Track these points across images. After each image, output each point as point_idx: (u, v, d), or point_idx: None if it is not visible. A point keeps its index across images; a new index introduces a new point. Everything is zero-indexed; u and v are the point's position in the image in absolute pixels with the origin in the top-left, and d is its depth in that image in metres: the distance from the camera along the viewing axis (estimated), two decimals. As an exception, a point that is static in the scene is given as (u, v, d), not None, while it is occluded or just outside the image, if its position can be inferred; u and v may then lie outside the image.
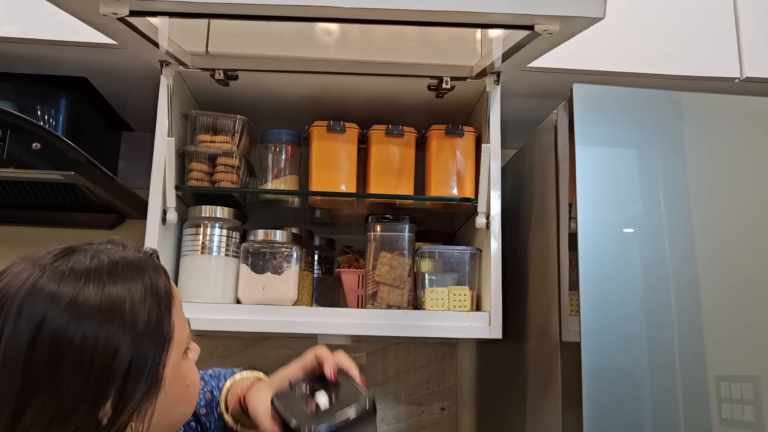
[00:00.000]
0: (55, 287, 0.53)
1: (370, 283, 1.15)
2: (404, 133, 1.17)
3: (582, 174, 0.93)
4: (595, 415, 0.86)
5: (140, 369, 0.54)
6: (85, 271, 0.55)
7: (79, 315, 0.52)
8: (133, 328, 0.54)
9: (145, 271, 0.58)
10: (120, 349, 0.53)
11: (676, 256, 0.92)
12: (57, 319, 0.52)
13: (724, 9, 1.20)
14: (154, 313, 0.57)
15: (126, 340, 0.54)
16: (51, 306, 0.52)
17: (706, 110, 0.98)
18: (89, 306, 0.53)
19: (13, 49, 1.14)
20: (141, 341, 0.55)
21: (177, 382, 0.60)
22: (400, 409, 1.47)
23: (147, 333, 0.56)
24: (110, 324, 0.53)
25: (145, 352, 0.55)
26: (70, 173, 1.06)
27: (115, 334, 0.53)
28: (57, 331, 0.52)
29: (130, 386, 0.54)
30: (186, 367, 0.62)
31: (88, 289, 0.54)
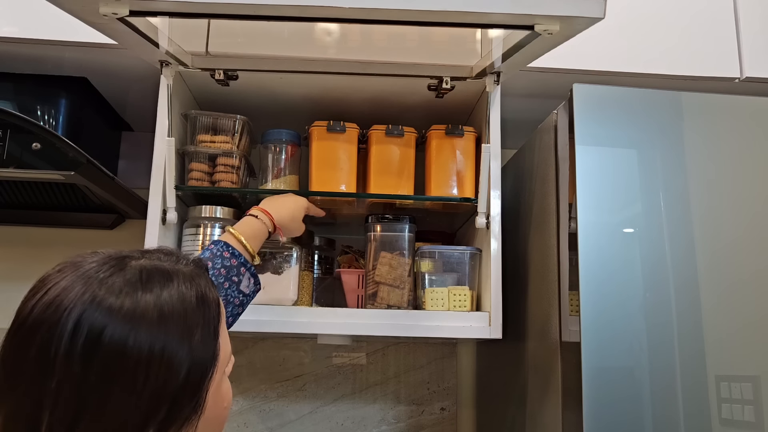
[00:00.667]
0: (114, 300, 0.51)
1: (370, 283, 1.15)
2: (404, 133, 1.17)
3: (582, 174, 0.93)
4: (595, 414, 0.86)
5: (188, 391, 0.53)
6: (143, 283, 0.53)
7: (138, 328, 0.51)
8: (187, 343, 0.53)
9: (198, 286, 0.57)
10: (173, 364, 0.51)
11: (676, 256, 0.92)
12: (117, 334, 0.50)
13: (724, 9, 1.20)
14: (206, 331, 0.55)
15: (180, 354, 0.52)
16: (110, 321, 0.50)
17: (706, 110, 0.98)
18: (148, 319, 0.51)
19: (13, 49, 1.14)
20: (194, 357, 0.53)
21: (217, 404, 0.58)
22: (400, 409, 1.47)
23: (199, 350, 0.54)
24: (168, 337, 0.52)
25: (195, 372, 0.53)
26: (70, 173, 1.06)
27: (171, 348, 0.51)
28: (114, 349, 0.49)
29: (176, 409, 0.52)
30: (225, 387, 0.61)
31: (146, 300, 0.52)
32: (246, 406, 1.44)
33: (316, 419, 1.45)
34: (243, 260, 0.92)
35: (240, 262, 0.91)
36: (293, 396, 1.46)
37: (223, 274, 0.89)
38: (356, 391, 1.47)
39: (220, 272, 0.89)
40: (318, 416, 1.45)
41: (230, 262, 0.90)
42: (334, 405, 1.46)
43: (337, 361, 1.48)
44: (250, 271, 0.93)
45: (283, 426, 1.44)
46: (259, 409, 1.44)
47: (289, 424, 1.44)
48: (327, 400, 1.46)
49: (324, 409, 1.46)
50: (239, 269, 0.91)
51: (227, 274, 0.90)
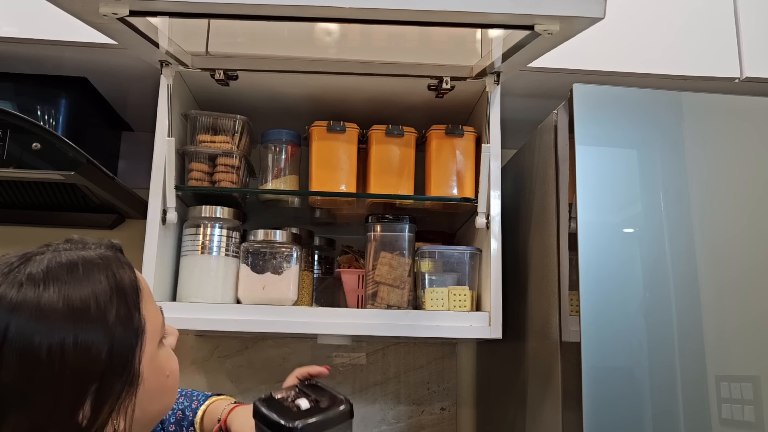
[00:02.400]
0: (15, 296, 0.51)
1: (370, 283, 1.15)
2: (404, 133, 1.17)
3: (582, 174, 0.93)
4: (595, 414, 0.86)
5: (115, 368, 0.53)
6: (44, 275, 0.53)
7: (44, 322, 0.50)
8: (102, 327, 0.53)
9: (108, 268, 0.56)
10: (91, 351, 0.51)
11: (675, 255, 0.92)
12: (21, 329, 0.49)
13: (724, 9, 1.20)
14: (123, 310, 0.55)
15: (96, 340, 0.52)
16: (13, 318, 0.50)
17: (706, 110, 0.98)
18: (53, 312, 0.51)
19: (13, 49, 1.14)
20: (112, 340, 0.53)
21: (155, 374, 0.59)
22: (400, 409, 1.47)
23: (117, 331, 0.54)
24: (78, 327, 0.51)
25: (119, 350, 0.53)
26: (70, 173, 1.06)
27: (84, 337, 0.51)
28: (23, 344, 0.49)
29: (106, 387, 0.52)
30: (163, 357, 0.61)
31: (49, 293, 0.51)
32: (246, 406, 1.44)
33: (316, 419, 1.45)
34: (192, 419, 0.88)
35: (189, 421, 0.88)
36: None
37: (178, 417, 0.88)
38: (356, 391, 1.47)
39: (174, 413, 0.88)
40: (318, 416, 1.45)
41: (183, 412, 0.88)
42: (334, 405, 1.46)
43: (337, 361, 1.48)
44: None
45: (283, 426, 1.44)
46: (259, 409, 1.44)
47: (289, 424, 1.44)
48: (327, 400, 1.46)
49: (324, 409, 1.46)
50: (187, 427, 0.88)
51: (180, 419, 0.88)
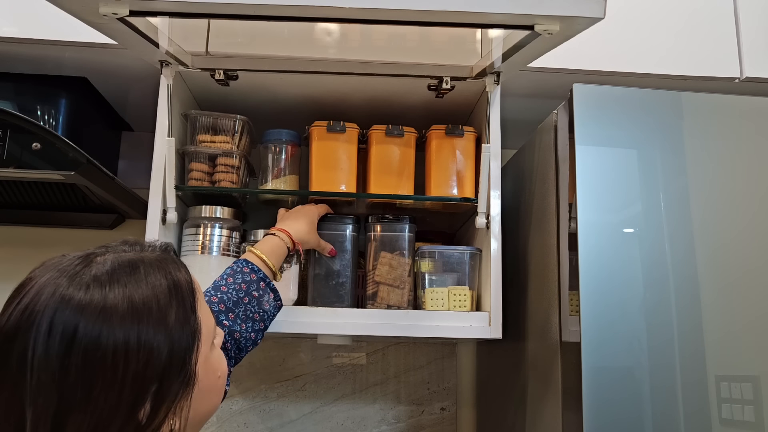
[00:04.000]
0: (83, 298, 0.52)
1: (370, 283, 1.15)
2: (404, 133, 1.17)
3: (582, 174, 0.93)
4: (595, 414, 0.86)
5: (174, 369, 0.55)
6: (109, 277, 0.54)
7: (110, 323, 0.52)
8: (163, 328, 0.54)
9: (166, 269, 0.58)
10: (153, 352, 0.53)
11: (676, 255, 0.92)
12: (89, 330, 0.51)
13: (724, 9, 1.20)
14: (181, 312, 0.57)
15: (158, 341, 0.54)
16: (81, 318, 0.51)
17: (706, 110, 0.98)
18: (118, 312, 0.52)
19: (13, 49, 1.14)
20: (172, 341, 0.55)
21: (208, 375, 0.61)
22: (400, 409, 1.47)
23: (176, 332, 0.55)
24: (141, 328, 0.53)
25: (178, 352, 0.55)
26: (70, 173, 1.06)
27: (147, 338, 0.53)
28: (90, 344, 0.51)
29: (165, 387, 0.54)
30: (215, 358, 0.63)
31: (114, 294, 0.53)
32: (246, 406, 1.44)
33: (316, 419, 1.45)
34: (262, 275, 0.94)
35: (259, 277, 0.93)
36: (293, 396, 1.46)
37: (243, 288, 0.91)
38: (356, 391, 1.47)
39: (240, 287, 0.91)
40: (318, 416, 1.45)
41: (250, 277, 0.92)
42: (334, 405, 1.46)
43: (337, 361, 1.48)
44: (269, 286, 0.95)
45: (283, 426, 1.44)
46: (259, 409, 1.44)
47: (289, 424, 1.44)
48: (327, 400, 1.46)
49: (324, 409, 1.46)
50: (259, 284, 0.93)
51: (247, 288, 0.91)
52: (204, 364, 0.59)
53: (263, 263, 0.96)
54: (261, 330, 0.93)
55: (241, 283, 0.91)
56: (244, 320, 0.89)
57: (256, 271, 0.94)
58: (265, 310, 0.93)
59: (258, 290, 0.93)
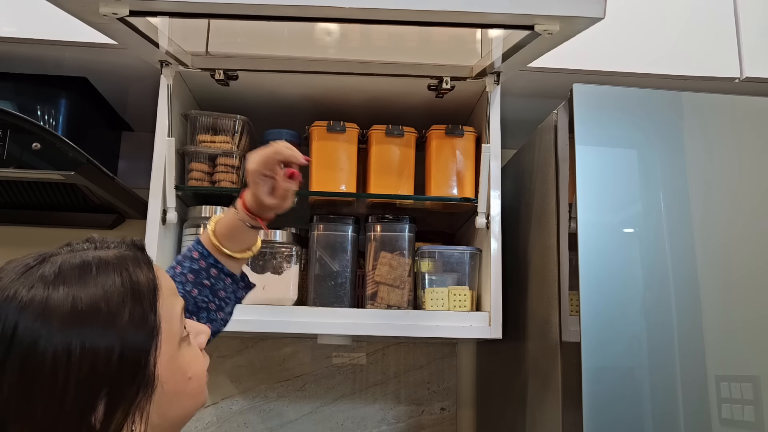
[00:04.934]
0: (25, 296, 0.50)
1: (370, 283, 1.15)
2: (404, 133, 1.17)
3: (582, 174, 0.93)
4: (595, 415, 0.86)
5: (127, 372, 0.51)
6: (55, 276, 0.51)
7: (50, 325, 0.49)
8: (112, 330, 0.51)
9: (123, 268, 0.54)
10: (99, 355, 0.49)
11: (675, 255, 0.92)
12: (28, 330, 0.48)
13: (724, 9, 1.20)
14: (137, 311, 0.53)
15: (105, 344, 0.50)
16: (21, 318, 0.49)
17: (706, 110, 0.98)
18: (60, 314, 0.49)
19: (13, 49, 1.14)
20: (123, 343, 0.51)
21: (175, 377, 0.56)
22: (400, 409, 1.47)
23: (129, 333, 0.51)
24: (85, 331, 0.49)
25: (130, 354, 0.51)
26: (70, 173, 1.06)
27: (91, 341, 0.49)
28: (28, 347, 0.48)
29: (117, 391, 0.50)
30: (186, 358, 0.58)
31: (57, 294, 0.50)
32: (246, 406, 1.44)
33: (316, 419, 1.45)
34: (213, 261, 0.82)
35: (209, 263, 0.81)
36: (293, 396, 1.46)
37: (190, 280, 0.80)
38: (356, 391, 1.47)
39: (186, 277, 0.80)
40: (318, 416, 1.45)
41: (198, 265, 0.81)
42: (334, 405, 1.46)
43: (337, 361, 1.48)
44: (223, 271, 0.82)
45: (283, 426, 1.44)
46: (259, 409, 1.44)
47: (289, 424, 1.44)
48: (327, 400, 1.46)
49: (324, 409, 1.46)
50: (209, 271, 0.81)
51: (195, 279, 0.81)
52: (169, 365, 0.55)
53: (214, 247, 0.81)
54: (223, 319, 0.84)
55: (188, 273, 0.80)
56: (195, 312, 0.80)
57: (205, 256, 0.81)
58: (222, 298, 0.82)
59: (210, 278, 0.81)
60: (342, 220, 1.17)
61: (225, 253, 0.82)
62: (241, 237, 0.83)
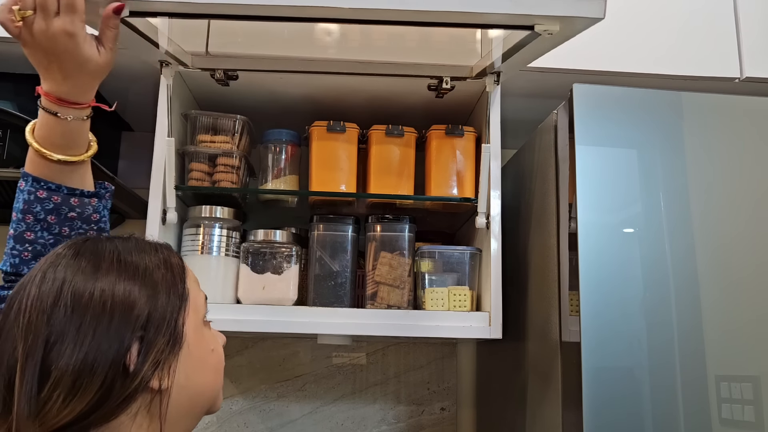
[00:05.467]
0: (73, 259, 0.57)
1: (370, 283, 1.15)
2: (404, 133, 1.17)
3: (582, 174, 0.93)
4: (595, 414, 0.86)
5: (160, 320, 0.57)
6: (101, 249, 0.59)
7: (97, 274, 0.56)
8: (149, 284, 0.58)
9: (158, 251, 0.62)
10: (137, 301, 0.56)
11: (676, 256, 0.92)
12: (77, 278, 0.55)
13: (724, 9, 1.20)
14: (169, 277, 0.60)
15: (143, 294, 0.57)
16: (70, 270, 0.56)
17: (706, 110, 0.98)
18: (106, 268, 0.57)
19: (13, 49, 1.14)
20: (157, 298, 0.58)
21: (200, 344, 0.62)
22: (400, 409, 1.47)
23: (163, 291, 0.58)
24: (126, 281, 0.57)
25: (162, 308, 0.58)
26: (70, 173, 1.06)
27: (130, 288, 0.56)
28: (77, 288, 0.55)
29: (151, 334, 0.56)
30: (209, 334, 0.65)
31: (107, 249, 0.59)
32: (246, 406, 1.44)
33: (316, 419, 1.45)
34: (65, 190, 0.72)
35: (65, 194, 0.72)
36: (293, 396, 1.46)
37: (53, 221, 0.71)
38: (356, 391, 1.47)
39: (49, 224, 0.71)
40: (318, 416, 1.45)
41: (52, 202, 0.71)
42: (334, 405, 1.46)
43: (337, 361, 1.48)
44: (84, 194, 0.74)
45: (283, 426, 1.44)
46: (259, 409, 1.45)
47: (289, 424, 1.44)
48: (327, 400, 1.46)
49: (324, 409, 1.46)
50: (69, 201, 0.72)
51: (57, 218, 0.72)
52: (195, 332, 0.61)
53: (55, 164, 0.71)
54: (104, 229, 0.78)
55: (45, 216, 0.71)
56: None
57: (54, 189, 0.71)
58: (97, 222, 0.75)
59: (73, 209, 0.73)
60: (342, 220, 1.17)
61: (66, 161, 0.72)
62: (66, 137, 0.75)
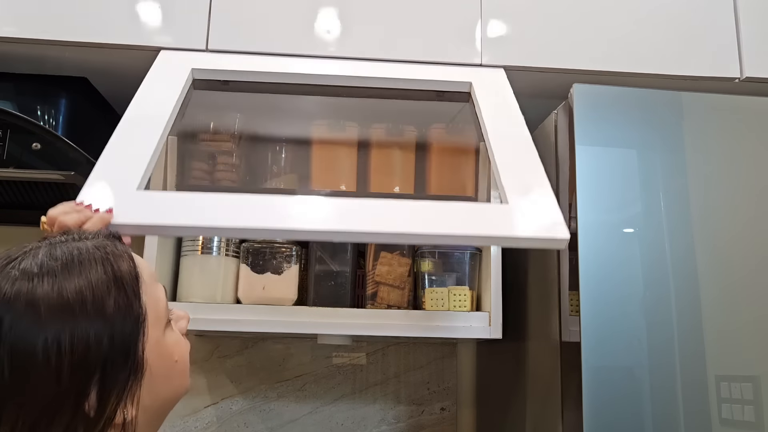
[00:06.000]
0: (9, 290, 0.50)
1: (370, 283, 1.15)
2: (404, 132, 1.17)
3: (582, 174, 0.93)
4: (595, 415, 0.86)
5: (117, 358, 0.52)
6: (39, 269, 0.52)
7: (38, 317, 0.50)
8: (100, 319, 0.52)
9: (104, 258, 0.55)
10: (89, 344, 0.50)
11: (675, 255, 0.92)
12: (15, 324, 0.49)
13: (724, 9, 1.20)
14: (122, 299, 0.54)
15: (94, 333, 0.51)
16: (7, 312, 0.49)
17: (706, 110, 0.98)
18: (48, 306, 0.50)
19: (13, 49, 1.14)
20: (112, 331, 0.52)
21: (163, 360, 0.58)
22: (400, 409, 1.47)
23: (117, 321, 0.53)
24: (74, 321, 0.50)
25: (119, 340, 0.52)
26: (70, 173, 1.06)
27: (81, 331, 0.50)
28: (16, 340, 0.49)
29: (109, 377, 0.51)
30: (171, 342, 0.60)
31: (43, 287, 0.51)
32: (246, 406, 1.44)
33: (316, 419, 1.45)
34: None
35: None
36: (293, 396, 1.46)
37: None
38: (356, 391, 1.47)
39: None
40: (318, 416, 1.45)
41: None
42: (334, 405, 1.46)
43: (337, 361, 1.48)
44: None
45: (283, 426, 1.44)
46: (259, 409, 1.44)
47: (289, 424, 1.44)
48: (327, 400, 1.46)
49: (324, 409, 1.46)
50: None
51: None
52: (156, 349, 0.56)
53: None
54: None
55: None
56: None
57: None
58: None
59: None
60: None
61: None
62: None
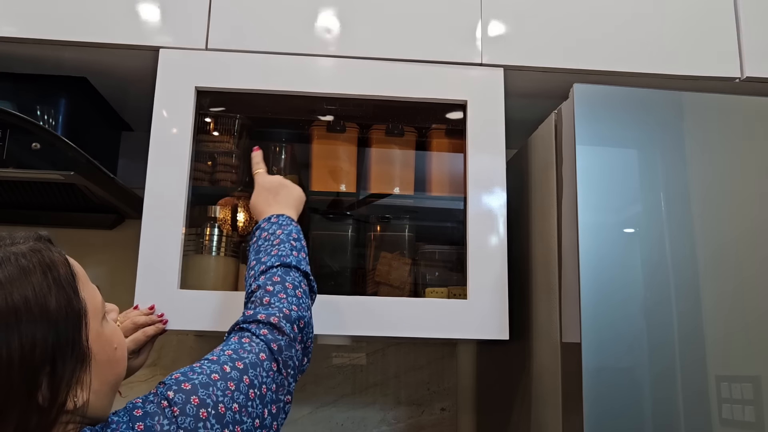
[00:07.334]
0: None
1: (370, 283, 1.15)
2: (404, 133, 1.17)
3: (582, 174, 0.93)
4: (596, 415, 0.86)
5: (64, 351, 0.56)
6: None
7: None
8: (45, 318, 0.56)
9: (41, 261, 0.59)
10: (36, 343, 0.54)
11: (676, 256, 0.92)
12: None
13: (725, 8, 1.20)
14: (62, 296, 0.58)
15: (41, 332, 0.55)
16: None
17: (707, 110, 0.98)
18: None
19: (13, 49, 1.14)
20: (57, 327, 0.56)
21: (104, 348, 0.62)
22: (400, 409, 1.47)
23: (60, 317, 0.57)
24: (21, 325, 0.54)
25: (64, 335, 0.57)
26: (70, 173, 1.06)
27: (28, 333, 0.54)
28: None
29: (59, 368, 0.55)
30: (108, 332, 0.64)
31: None
32: (246, 406, 1.44)
33: (316, 419, 1.45)
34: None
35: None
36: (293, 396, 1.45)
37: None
38: (356, 392, 1.47)
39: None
40: (318, 416, 1.45)
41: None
42: (334, 405, 1.46)
43: (337, 361, 1.48)
44: None
45: (284, 426, 1.44)
46: (259, 409, 1.44)
47: (289, 424, 1.44)
48: (327, 400, 1.46)
49: (324, 409, 1.46)
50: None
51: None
52: (97, 339, 0.61)
53: None
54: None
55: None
56: None
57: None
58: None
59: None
60: (342, 219, 1.17)
61: None
62: None
